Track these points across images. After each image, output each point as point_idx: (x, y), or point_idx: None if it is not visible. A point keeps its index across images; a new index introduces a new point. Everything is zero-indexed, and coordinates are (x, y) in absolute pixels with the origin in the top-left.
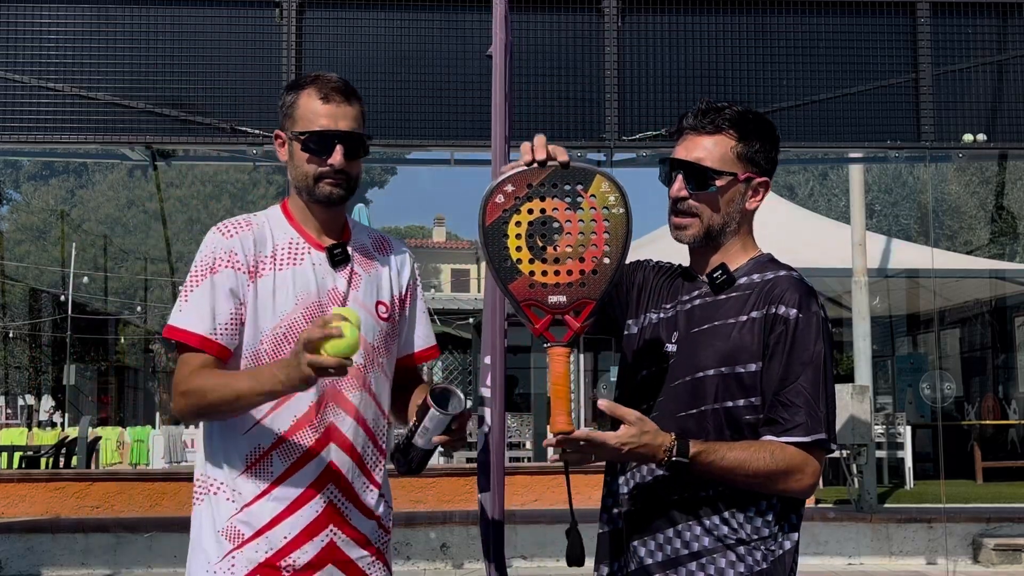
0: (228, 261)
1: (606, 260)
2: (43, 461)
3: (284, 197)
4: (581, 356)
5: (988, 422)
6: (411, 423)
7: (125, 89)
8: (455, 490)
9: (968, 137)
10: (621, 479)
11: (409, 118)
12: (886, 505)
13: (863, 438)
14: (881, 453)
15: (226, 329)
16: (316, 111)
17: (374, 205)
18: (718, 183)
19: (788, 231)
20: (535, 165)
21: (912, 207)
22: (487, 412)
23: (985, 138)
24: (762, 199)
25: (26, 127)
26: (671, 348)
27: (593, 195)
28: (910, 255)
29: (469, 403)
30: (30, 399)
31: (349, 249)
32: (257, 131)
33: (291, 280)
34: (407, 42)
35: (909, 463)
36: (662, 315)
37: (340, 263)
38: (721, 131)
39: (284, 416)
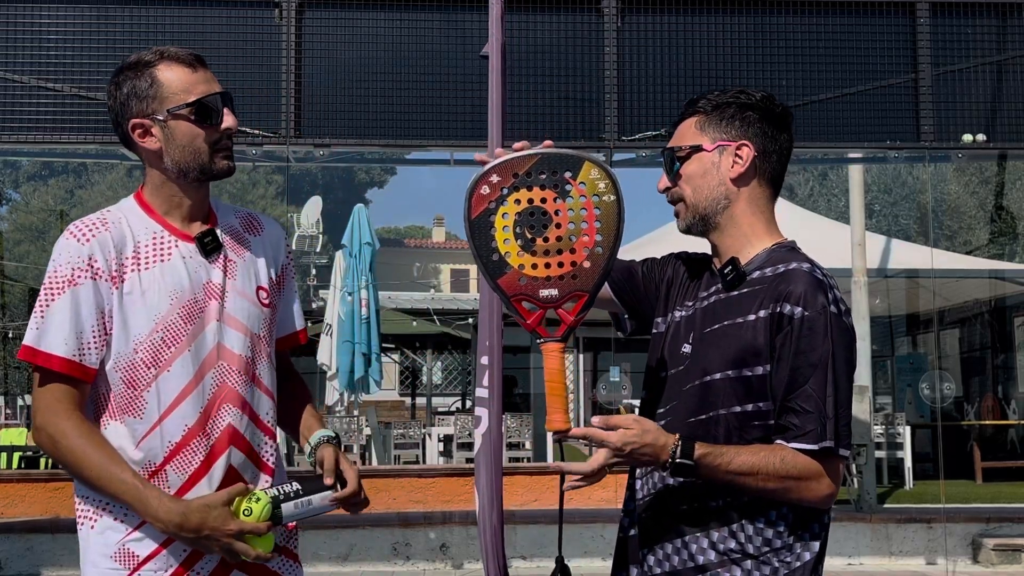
0: (88, 270)
1: (598, 250)
2: (43, 461)
3: (140, 188)
4: (580, 356)
5: (988, 422)
6: (291, 486)
7: None
8: (455, 490)
9: (968, 137)
10: (639, 483)
11: (409, 118)
12: (886, 505)
13: (863, 438)
14: (881, 453)
15: (91, 348)
16: (188, 81)
17: (374, 205)
18: (679, 157)
19: (788, 231)
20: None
21: (912, 207)
22: (484, 412)
23: (985, 138)
24: (747, 163)
25: (26, 127)
26: (687, 349)
27: (582, 182)
28: (910, 255)
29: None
30: (30, 399)
31: (219, 235)
32: (257, 131)
33: (160, 278)
34: (407, 42)
35: (909, 463)
36: (684, 313)
37: (212, 252)
38: (692, 114)
39: (173, 427)
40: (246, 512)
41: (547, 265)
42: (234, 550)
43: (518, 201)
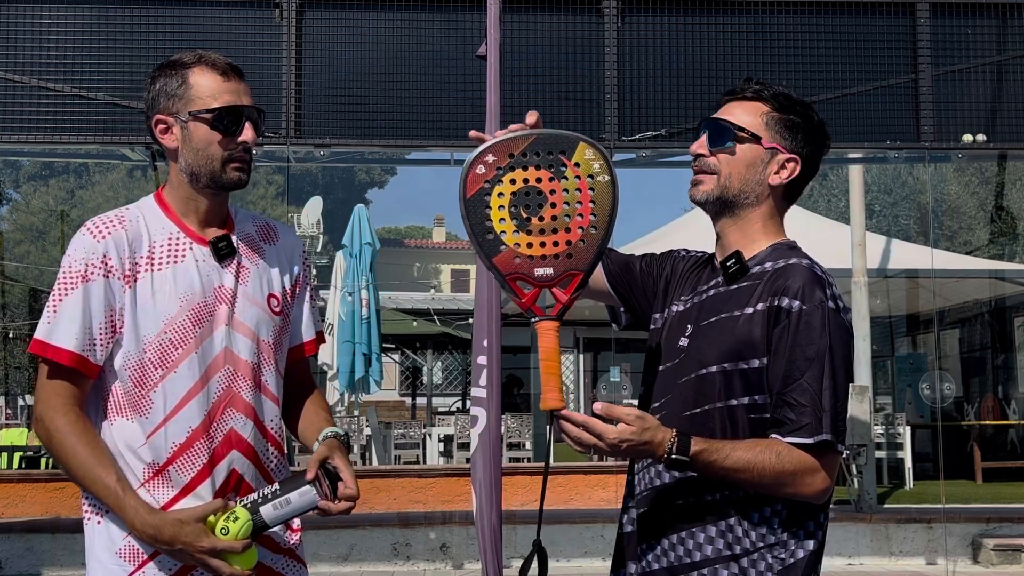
0: (101, 267)
1: (592, 230)
2: (43, 461)
3: (158, 187)
4: (580, 356)
5: (988, 422)
6: (269, 488)
7: (125, 89)
8: (455, 490)
9: (967, 137)
10: (636, 477)
11: (409, 118)
12: (886, 505)
13: (863, 438)
14: (881, 453)
15: (100, 344)
16: (217, 88)
17: (374, 205)
18: (737, 140)
19: (788, 231)
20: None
21: (912, 207)
22: (481, 412)
23: (984, 138)
24: (788, 177)
25: (26, 127)
26: (684, 343)
27: (577, 163)
28: (910, 255)
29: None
30: (30, 399)
31: (235, 241)
32: None
33: (172, 280)
34: (407, 42)
35: (909, 463)
36: (681, 307)
37: (226, 257)
38: (760, 99)
39: (178, 428)
40: (223, 531)
41: (542, 244)
42: (209, 566)
43: (513, 181)
